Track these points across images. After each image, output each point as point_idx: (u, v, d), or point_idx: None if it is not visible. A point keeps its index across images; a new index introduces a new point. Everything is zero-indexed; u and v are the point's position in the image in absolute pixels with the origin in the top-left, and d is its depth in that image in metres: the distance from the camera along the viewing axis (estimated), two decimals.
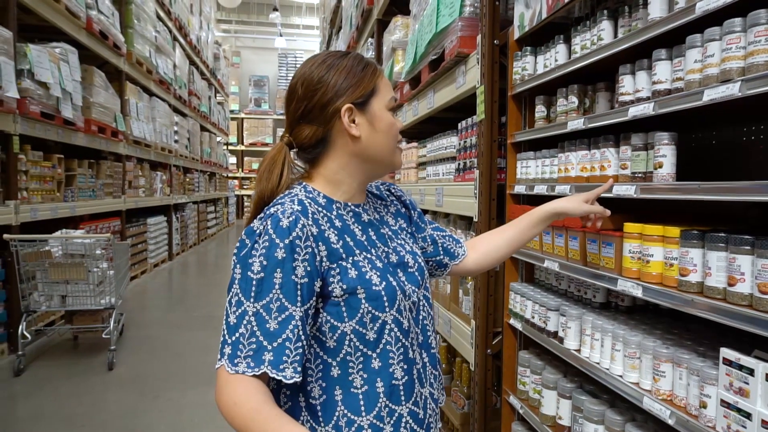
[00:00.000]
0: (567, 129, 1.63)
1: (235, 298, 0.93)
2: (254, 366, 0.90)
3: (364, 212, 1.09)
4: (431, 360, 1.10)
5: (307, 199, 1.01)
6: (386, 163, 1.08)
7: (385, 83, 1.07)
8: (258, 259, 0.92)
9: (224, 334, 0.93)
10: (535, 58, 1.92)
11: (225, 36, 18.40)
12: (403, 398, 1.01)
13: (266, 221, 0.94)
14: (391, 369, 1.00)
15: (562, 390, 1.70)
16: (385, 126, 1.05)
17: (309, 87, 1.03)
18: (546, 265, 1.77)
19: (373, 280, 0.99)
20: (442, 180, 2.88)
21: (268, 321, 0.91)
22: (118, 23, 6.71)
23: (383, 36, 4.44)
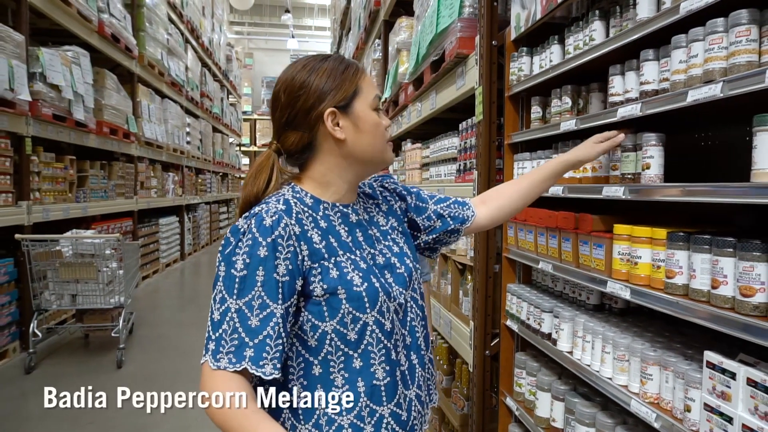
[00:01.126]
0: (560, 130, 1.63)
1: (219, 295, 0.94)
2: (235, 362, 0.91)
3: (353, 213, 1.08)
4: (421, 362, 1.09)
5: (293, 199, 1.02)
6: (376, 162, 1.08)
7: (367, 82, 1.06)
8: (241, 257, 0.94)
9: (209, 331, 0.94)
10: (531, 59, 1.91)
11: (238, 38, 18.54)
12: (384, 399, 1.01)
13: (250, 220, 0.96)
14: (372, 369, 1.00)
15: (555, 392, 1.69)
16: (369, 126, 1.04)
17: (291, 94, 1.03)
18: (540, 266, 1.76)
19: (354, 281, 0.99)
20: (443, 181, 2.88)
21: (250, 318, 0.92)
22: (129, 26, 6.80)
23: (389, 37, 4.45)
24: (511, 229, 2.04)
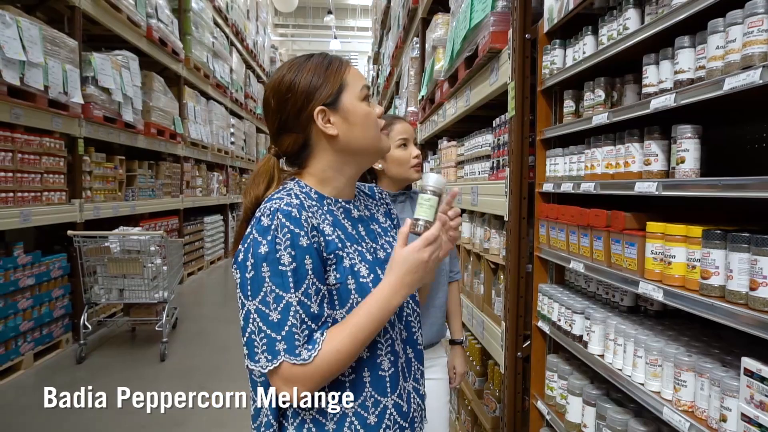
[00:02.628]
0: (592, 124, 1.56)
1: (270, 295, 0.93)
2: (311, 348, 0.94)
3: (355, 208, 1.10)
4: (417, 356, 1.11)
5: (301, 194, 1.04)
6: (372, 151, 1.09)
7: (353, 74, 1.07)
8: (285, 251, 0.94)
9: (266, 335, 0.93)
10: (564, 51, 1.85)
11: (282, 40, 18.89)
12: (389, 390, 1.02)
13: (276, 215, 0.96)
14: (378, 360, 1.02)
15: (587, 397, 1.63)
16: (359, 118, 1.05)
17: (280, 99, 1.04)
18: (572, 266, 1.70)
19: (361, 272, 1.01)
20: (477, 179, 2.83)
21: (311, 306, 0.95)
22: (176, 30, 7.03)
23: (426, 34, 4.42)
24: (543, 228, 1.98)
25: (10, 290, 3.90)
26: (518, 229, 2.12)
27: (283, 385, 0.93)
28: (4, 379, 3.83)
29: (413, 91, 5.13)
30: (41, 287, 4.31)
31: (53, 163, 4.38)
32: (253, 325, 0.94)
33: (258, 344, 0.94)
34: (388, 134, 1.76)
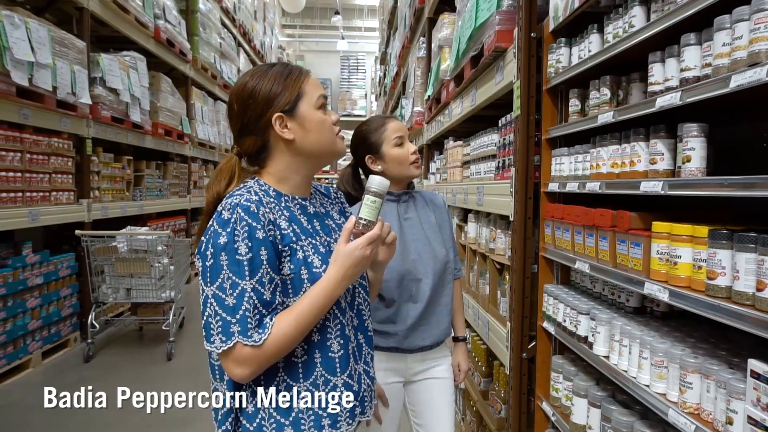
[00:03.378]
0: (597, 123, 1.55)
1: (227, 282, 1.02)
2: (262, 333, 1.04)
3: (311, 205, 1.20)
4: (367, 341, 1.22)
5: (260, 191, 1.12)
6: (326, 155, 1.18)
7: (311, 84, 1.16)
8: (243, 242, 1.03)
9: (220, 317, 1.02)
10: (569, 50, 1.83)
11: (289, 40, 18.92)
12: (338, 370, 1.12)
13: (236, 210, 1.05)
14: (328, 343, 1.11)
15: (592, 398, 1.61)
16: (314, 125, 1.15)
17: (242, 104, 1.14)
18: (577, 266, 1.68)
19: (314, 263, 1.11)
20: (483, 179, 2.82)
21: (264, 293, 1.04)
22: (184, 31, 7.06)
23: (432, 34, 4.41)
24: (548, 228, 1.96)
25: (18, 289, 3.94)
26: (524, 229, 2.11)
27: (233, 365, 1.02)
28: (13, 377, 3.86)
29: (419, 90, 5.12)
30: (49, 286, 4.34)
31: (61, 163, 4.41)
32: (210, 309, 1.03)
33: (214, 326, 1.02)
34: (382, 134, 1.74)
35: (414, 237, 1.76)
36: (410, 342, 1.74)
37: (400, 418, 1.84)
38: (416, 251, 1.74)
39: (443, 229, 1.83)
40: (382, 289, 1.73)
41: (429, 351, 1.79)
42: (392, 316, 1.73)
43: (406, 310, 1.73)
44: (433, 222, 1.81)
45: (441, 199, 1.89)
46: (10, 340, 3.83)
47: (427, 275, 1.73)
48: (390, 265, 1.70)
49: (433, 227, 1.80)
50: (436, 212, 1.84)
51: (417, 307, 1.73)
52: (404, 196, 1.81)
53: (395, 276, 1.71)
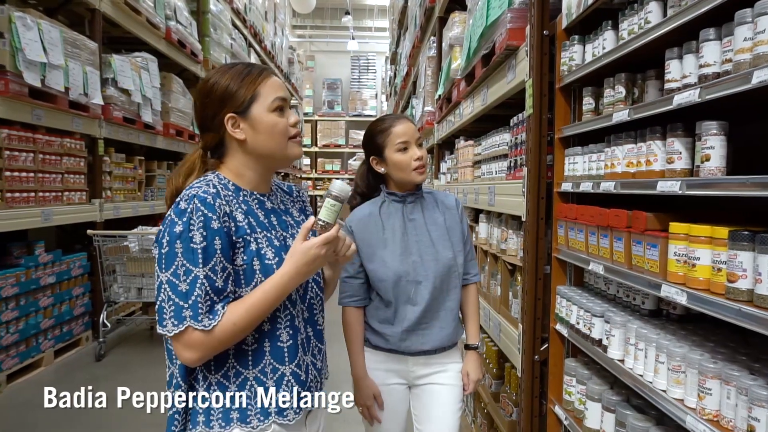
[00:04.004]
0: (612, 121, 1.52)
1: (181, 269, 1.07)
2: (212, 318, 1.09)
3: (269, 200, 1.25)
4: (316, 335, 1.26)
5: (219, 184, 1.17)
6: (279, 157, 1.21)
7: (269, 86, 1.19)
8: (198, 231, 1.08)
9: (174, 302, 1.06)
10: (583, 47, 1.80)
11: (300, 41, 18.97)
12: (287, 359, 1.16)
13: (193, 201, 1.09)
14: (278, 332, 1.16)
15: (606, 402, 1.58)
16: (265, 127, 1.17)
17: (202, 101, 1.19)
18: (591, 267, 1.65)
19: (267, 255, 1.15)
20: (495, 179, 2.79)
21: (216, 281, 1.09)
22: (195, 32, 7.09)
23: (443, 33, 4.38)
24: (561, 228, 1.93)
25: (31, 288, 3.97)
26: (536, 229, 2.07)
27: (183, 349, 1.07)
28: (26, 375, 3.89)
29: (430, 90, 5.09)
30: (62, 285, 4.37)
31: (74, 163, 4.44)
32: (164, 294, 1.07)
33: (167, 311, 1.06)
34: (387, 138, 1.70)
35: (417, 238, 1.71)
36: (408, 345, 1.70)
37: (407, 421, 1.81)
38: (418, 253, 1.70)
39: (453, 231, 1.76)
40: (380, 289, 1.71)
41: (434, 356, 1.74)
42: (390, 317, 1.71)
43: (404, 312, 1.69)
44: (442, 224, 1.75)
45: (454, 201, 1.82)
46: (22, 339, 3.86)
47: (427, 278, 1.68)
48: (388, 265, 1.69)
49: (440, 229, 1.74)
50: (446, 214, 1.77)
51: (415, 309, 1.68)
52: (410, 197, 1.75)
53: (391, 276, 1.67)
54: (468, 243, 1.81)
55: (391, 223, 1.73)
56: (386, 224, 1.73)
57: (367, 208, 1.77)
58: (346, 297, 1.75)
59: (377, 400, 1.73)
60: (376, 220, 1.74)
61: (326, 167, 18.62)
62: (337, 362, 3.67)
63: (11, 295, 3.74)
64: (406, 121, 1.74)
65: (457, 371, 1.78)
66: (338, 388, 1.24)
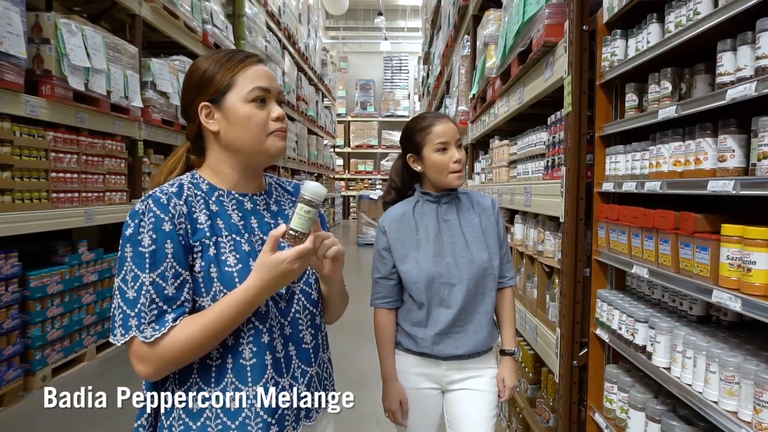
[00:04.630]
0: (658, 118, 1.45)
1: (129, 274, 1.00)
2: (159, 327, 1.01)
3: (250, 201, 1.14)
4: (301, 356, 1.13)
5: (188, 184, 1.10)
6: (255, 152, 1.10)
7: (249, 75, 1.09)
8: (147, 234, 1.01)
9: (122, 310, 1.00)
10: (626, 42, 1.73)
11: (333, 42, 19.11)
12: (250, 380, 1.04)
13: (147, 201, 1.04)
14: (240, 348, 1.05)
15: (651, 412, 1.51)
16: (239, 119, 1.08)
17: (183, 88, 1.14)
18: (634, 270, 1.58)
19: (228, 261, 1.05)
20: (531, 179, 2.72)
21: (166, 287, 1.00)
22: (231, 35, 7.21)
23: (477, 31, 4.32)
24: (602, 230, 1.87)
25: (75, 285, 4.10)
26: (575, 230, 2.01)
27: (135, 361, 1.00)
28: (69, 369, 4.02)
29: (464, 89, 5.03)
30: (103, 283, 4.50)
31: (115, 164, 4.57)
32: (115, 300, 1.01)
33: (116, 318, 1.00)
34: (426, 136, 1.67)
35: (451, 240, 1.67)
36: (440, 349, 1.66)
37: (440, 426, 1.78)
38: (452, 255, 1.66)
39: (488, 233, 1.71)
40: (412, 291, 1.67)
41: (467, 360, 1.69)
42: (422, 320, 1.67)
43: (437, 314, 1.65)
44: (477, 225, 1.71)
45: (490, 202, 1.78)
46: (66, 334, 3.99)
47: (461, 280, 1.64)
48: (421, 267, 1.65)
49: (475, 231, 1.70)
50: (482, 215, 1.73)
51: (449, 312, 1.64)
52: (444, 198, 1.72)
53: (424, 278, 1.64)
54: (504, 245, 1.76)
55: (425, 224, 1.70)
56: (420, 225, 1.70)
57: (400, 208, 1.74)
58: (378, 298, 1.72)
59: (403, 406, 1.69)
60: (410, 221, 1.71)
61: (359, 168, 18.72)
62: (368, 363, 3.66)
63: (56, 292, 3.87)
64: (447, 121, 1.70)
65: (492, 377, 1.73)
66: (370, 389, 1.20)
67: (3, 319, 3.30)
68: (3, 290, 3.33)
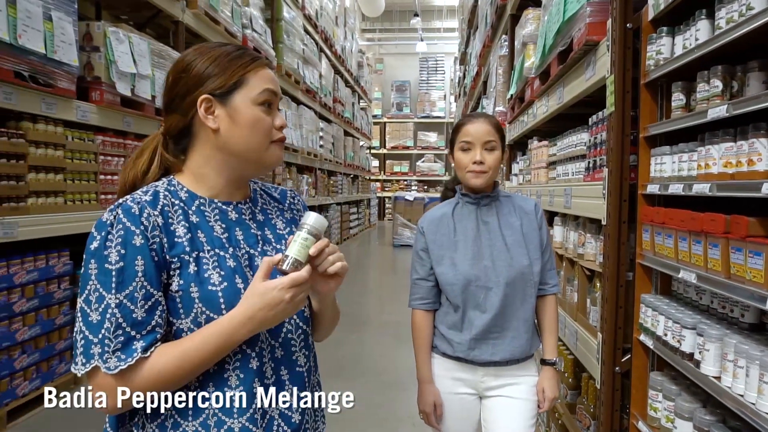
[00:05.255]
0: (707, 118, 1.40)
1: (93, 294, 0.88)
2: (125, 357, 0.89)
3: (235, 211, 1.03)
4: (294, 380, 1.01)
5: (164, 191, 0.98)
6: (253, 160, 1.01)
7: (260, 77, 1.00)
8: (115, 249, 0.89)
9: (84, 336, 0.88)
10: (672, 39, 1.68)
11: (369, 44, 19.21)
12: (235, 411, 0.93)
13: (116, 210, 0.92)
14: (225, 375, 0.94)
15: (699, 422, 1.46)
16: (246, 121, 0.98)
17: (175, 76, 1.00)
18: (681, 275, 1.53)
19: (211, 278, 0.94)
20: (571, 180, 2.67)
21: (135, 311, 0.88)
22: (269, 39, 7.35)
23: (515, 31, 4.27)
24: (647, 233, 1.81)
25: None
26: (617, 233, 1.96)
27: (96, 392, 0.88)
28: None
29: (501, 90, 4.98)
30: None
31: None
32: (77, 323, 0.90)
33: (78, 345, 0.89)
34: (456, 135, 1.69)
35: (490, 243, 1.65)
36: (477, 354, 1.63)
37: (477, 431, 1.76)
38: (490, 258, 1.63)
39: (530, 237, 1.68)
40: (448, 293, 1.66)
41: (505, 367, 1.66)
42: (458, 323, 1.65)
43: (472, 318, 1.63)
44: (518, 229, 1.68)
45: (533, 206, 1.74)
46: None
47: (498, 284, 1.61)
48: (457, 269, 1.62)
49: (516, 234, 1.67)
50: (524, 219, 1.69)
51: (484, 317, 1.61)
52: (484, 200, 1.70)
53: (461, 280, 1.62)
54: (547, 251, 1.72)
55: (463, 226, 1.69)
56: (458, 226, 1.69)
57: (440, 210, 1.74)
58: (415, 299, 1.72)
59: (437, 409, 1.68)
60: (448, 222, 1.70)
61: (395, 169, 18.76)
62: (404, 364, 3.65)
63: None
64: (479, 122, 1.68)
65: (532, 385, 1.70)
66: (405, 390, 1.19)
67: (55, 315, 3.46)
68: (55, 287, 3.48)
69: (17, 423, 2.99)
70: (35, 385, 3.19)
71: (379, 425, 2.98)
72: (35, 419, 3.07)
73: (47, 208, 3.29)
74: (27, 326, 3.18)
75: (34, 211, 3.14)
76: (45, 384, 3.27)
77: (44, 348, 3.32)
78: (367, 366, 4.05)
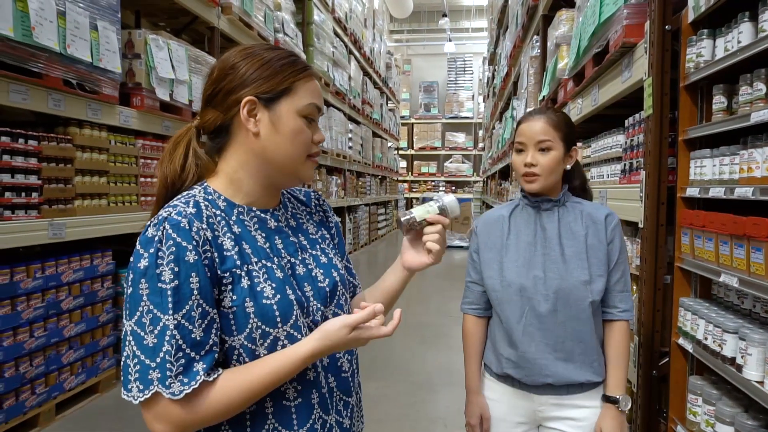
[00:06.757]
0: (750, 121, 1.39)
1: (147, 316, 0.83)
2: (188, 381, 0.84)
3: (272, 218, 1.00)
4: (340, 385, 1.00)
5: (204, 201, 0.93)
6: (288, 171, 0.97)
7: (308, 88, 0.97)
8: (167, 266, 0.84)
9: (139, 360, 0.83)
10: (713, 42, 1.67)
11: (397, 45, 19.25)
12: (295, 423, 0.92)
13: (162, 225, 0.86)
14: (282, 388, 0.92)
15: (740, 427, 1.45)
16: (289, 130, 0.95)
17: (222, 70, 0.96)
18: (722, 279, 1.53)
19: (265, 292, 0.90)
20: (606, 182, 2.66)
21: (193, 330, 0.84)
22: (300, 42, 7.46)
23: (548, 32, 4.25)
24: (686, 236, 1.80)
25: None
26: (655, 236, 1.96)
27: (154, 420, 0.83)
28: None
29: (533, 91, 4.95)
30: None
31: None
32: (128, 348, 0.84)
33: (132, 371, 0.83)
34: (514, 134, 1.55)
35: (546, 251, 1.46)
36: (524, 374, 1.45)
37: None
38: (542, 268, 1.45)
39: (594, 250, 1.45)
40: (492, 300, 1.53)
41: (566, 396, 1.45)
42: (504, 336, 1.50)
43: (517, 332, 1.45)
44: (581, 239, 1.46)
45: (604, 215, 1.48)
46: None
47: (547, 298, 1.42)
48: (504, 274, 1.47)
49: (578, 245, 1.45)
50: (590, 228, 1.47)
51: (531, 332, 1.44)
52: (545, 203, 1.50)
53: (506, 287, 1.47)
54: (618, 270, 1.48)
55: (519, 230, 1.52)
56: (512, 230, 1.53)
57: (498, 212, 1.60)
58: (466, 303, 1.60)
59: (483, 423, 1.55)
60: (503, 225, 1.55)
61: (422, 170, 18.74)
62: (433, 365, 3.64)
63: None
64: (534, 120, 1.49)
65: (592, 422, 1.47)
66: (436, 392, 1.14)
67: (99, 312, 3.59)
68: (99, 286, 3.62)
69: (65, 415, 3.12)
70: (81, 380, 3.33)
71: (411, 426, 3.01)
72: (80, 412, 3.20)
73: (92, 209, 3.42)
74: (73, 323, 3.32)
75: (80, 213, 3.28)
76: (90, 378, 3.41)
77: (89, 344, 3.46)
78: (396, 366, 4.09)
